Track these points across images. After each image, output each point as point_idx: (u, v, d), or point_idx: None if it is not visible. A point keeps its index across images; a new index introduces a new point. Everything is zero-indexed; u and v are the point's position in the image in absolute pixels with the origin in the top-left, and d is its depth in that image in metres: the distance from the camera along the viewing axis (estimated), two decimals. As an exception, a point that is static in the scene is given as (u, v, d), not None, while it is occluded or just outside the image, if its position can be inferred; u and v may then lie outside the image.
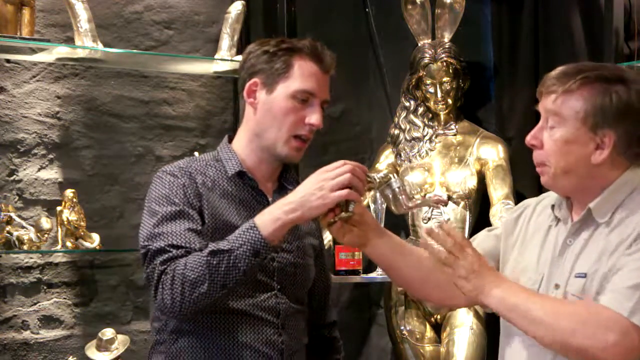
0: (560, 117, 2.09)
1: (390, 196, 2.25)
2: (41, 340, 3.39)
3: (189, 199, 2.22)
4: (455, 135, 3.82)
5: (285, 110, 2.30)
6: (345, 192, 2.15)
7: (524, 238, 2.23)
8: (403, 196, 2.24)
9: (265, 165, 2.34)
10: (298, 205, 2.15)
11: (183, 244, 2.16)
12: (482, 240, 2.34)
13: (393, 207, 2.27)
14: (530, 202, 2.33)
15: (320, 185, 2.18)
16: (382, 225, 3.48)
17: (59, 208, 3.26)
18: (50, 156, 3.43)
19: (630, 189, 2.07)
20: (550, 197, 2.24)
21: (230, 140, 2.38)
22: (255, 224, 2.13)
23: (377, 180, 2.23)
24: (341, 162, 2.22)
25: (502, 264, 2.26)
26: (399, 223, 3.90)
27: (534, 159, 2.17)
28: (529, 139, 2.16)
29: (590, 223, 2.09)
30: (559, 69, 2.15)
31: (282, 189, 2.36)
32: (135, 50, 3.58)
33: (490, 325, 3.72)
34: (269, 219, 2.14)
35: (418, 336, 3.73)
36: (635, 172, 2.09)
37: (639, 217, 2.03)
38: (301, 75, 2.30)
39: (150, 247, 2.18)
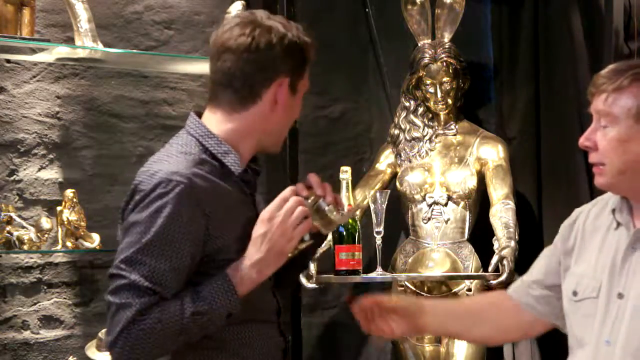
0: (612, 116, 2.05)
1: (320, 217, 2.17)
2: (41, 340, 3.39)
3: (190, 231, 2.04)
4: (455, 135, 3.82)
5: (298, 109, 2.22)
6: (306, 225, 2.10)
7: (581, 244, 2.18)
8: (334, 212, 2.16)
9: (249, 156, 2.22)
10: (271, 260, 2.08)
11: (159, 288, 2.00)
12: (545, 256, 2.32)
13: (324, 229, 2.20)
14: (584, 208, 2.28)
15: (282, 230, 2.08)
16: (382, 225, 3.49)
17: (59, 208, 3.26)
18: (51, 156, 3.43)
19: None
20: (604, 200, 2.20)
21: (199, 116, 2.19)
22: (233, 286, 2.04)
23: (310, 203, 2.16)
24: (288, 191, 2.12)
25: (564, 271, 2.22)
26: (399, 223, 3.90)
27: (590, 160, 2.12)
28: (582, 141, 2.11)
29: None
30: (609, 67, 2.11)
31: (245, 172, 2.22)
32: (135, 50, 3.57)
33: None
34: (247, 280, 2.06)
35: (418, 336, 3.73)
36: None
37: None
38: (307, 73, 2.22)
39: (128, 277, 2.00)
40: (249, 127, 2.15)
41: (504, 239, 3.47)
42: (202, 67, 3.70)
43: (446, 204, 3.71)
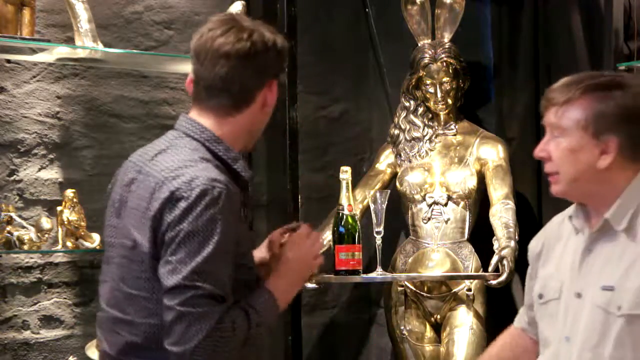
0: (563, 128, 2.14)
1: None
2: (41, 340, 3.39)
3: (234, 238, 2.09)
4: (455, 135, 3.82)
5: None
6: (321, 259, 2.30)
7: (547, 250, 2.29)
8: None
9: None
10: (298, 284, 2.27)
11: (227, 296, 2.04)
12: (527, 278, 2.40)
13: None
14: (553, 219, 2.39)
15: (307, 263, 2.27)
16: (382, 225, 3.49)
17: (59, 208, 3.26)
18: (51, 156, 3.43)
19: None
20: (571, 208, 2.29)
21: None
22: (277, 302, 2.16)
23: None
24: (306, 230, 2.29)
25: (533, 280, 2.33)
26: (399, 223, 3.90)
27: (545, 170, 2.21)
28: (536, 152, 2.21)
29: (610, 232, 2.12)
30: (560, 81, 2.20)
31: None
32: (135, 51, 3.58)
33: (490, 325, 3.72)
34: (282, 300, 2.18)
35: (418, 336, 3.73)
36: None
37: None
38: None
39: (204, 287, 2.00)
40: (241, 129, 2.20)
41: (504, 239, 3.47)
42: (202, 67, 3.70)
43: (446, 204, 3.71)
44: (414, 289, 3.71)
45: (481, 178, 3.73)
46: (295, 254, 2.23)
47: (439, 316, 3.72)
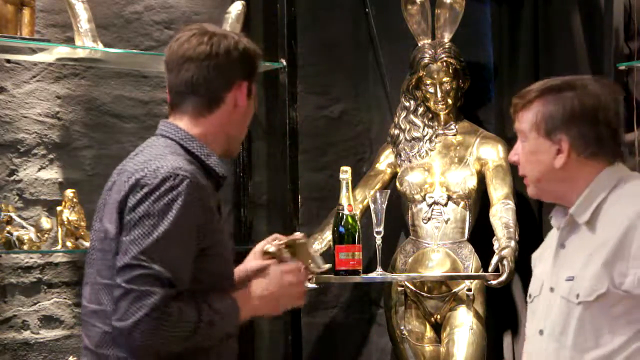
0: (523, 132, 2.25)
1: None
2: (41, 340, 3.39)
3: (196, 225, 2.12)
4: (455, 135, 3.82)
5: (252, 113, 2.34)
6: (302, 301, 2.33)
7: (541, 254, 2.38)
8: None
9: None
10: (269, 306, 2.26)
11: (177, 281, 2.05)
12: None
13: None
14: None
15: (290, 291, 2.28)
16: (382, 225, 3.49)
17: (59, 208, 3.26)
18: (51, 156, 3.43)
19: (607, 188, 2.19)
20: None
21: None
22: (239, 310, 2.17)
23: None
24: (297, 268, 2.31)
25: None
26: (399, 223, 3.90)
27: (519, 174, 2.32)
28: (510, 156, 2.32)
29: (575, 226, 2.22)
30: (525, 89, 2.29)
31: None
32: (135, 50, 3.57)
33: (490, 325, 3.73)
34: (246, 312, 2.20)
35: (418, 336, 3.73)
36: (611, 171, 2.21)
37: (620, 215, 2.14)
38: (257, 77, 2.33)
39: (150, 266, 2.04)
40: (216, 129, 2.26)
41: (504, 239, 3.47)
42: (202, 67, 3.70)
43: (446, 204, 3.71)
44: (414, 289, 3.71)
45: (481, 178, 3.73)
46: (282, 277, 2.27)
47: (439, 316, 3.72)
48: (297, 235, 2.41)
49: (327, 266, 2.46)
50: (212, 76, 2.22)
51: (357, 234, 3.45)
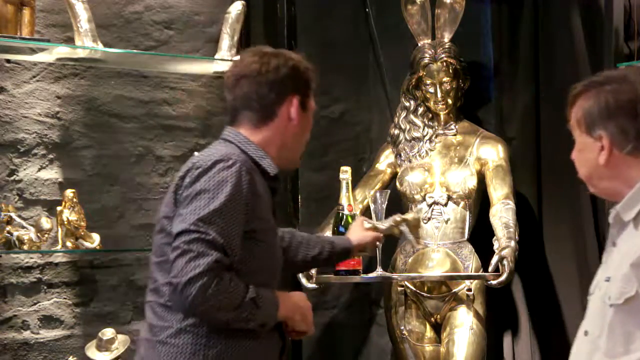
0: (572, 129, 2.19)
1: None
2: (41, 340, 3.39)
3: (245, 204, 2.28)
4: (455, 135, 3.82)
5: (310, 127, 2.51)
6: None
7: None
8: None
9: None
10: (286, 318, 2.41)
11: (229, 250, 2.22)
12: None
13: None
14: None
15: (302, 319, 2.46)
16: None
17: (59, 208, 3.26)
18: (51, 156, 3.43)
19: None
20: None
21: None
22: (278, 306, 2.34)
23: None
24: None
25: None
26: (399, 223, 3.90)
27: None
28: (572, 157, 2.24)
29: (624, 225, 2.13)
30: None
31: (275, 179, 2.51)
32: (135, 50, 3.58)
33: (490, 325, 3.72)
34: (281, 314, 2.36)
35: (418, 336, 3.73)
36: None
37: None
38: (313, 92, 2.51)
39: (206, 232, 2.19)
40: (270, 140, 2.42)
41: (504, 239, 3.47)
42: (202, 67, 3.70)
43: (446, 204, 3.71)
44: (414, 289, 3.71)
45: (481, 178, 3.73)
46: (302, 305, 2.47)
47: (439, 316, 3.72)
48: (410, 215, 2.97)
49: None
50: (263, 91, 2.39)
51: (357, 234, 3.45)
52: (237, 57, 2.55)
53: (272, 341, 2.37)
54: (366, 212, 3.70)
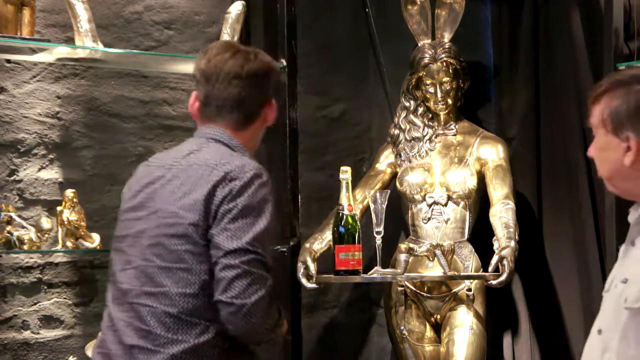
0: (594, 127, 2.14)
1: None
2: (41, 340, 3.39)
3: (274, 218, 2.34)
4: (455, 135, 3.82)
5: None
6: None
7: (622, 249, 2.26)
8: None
9: None
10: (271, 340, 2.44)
11: (271, 268, 2.28)
12: None
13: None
14: None
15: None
16: (382, 225, 3.49)
17: (59, 208, 3.26)
18: (51, 156, 3.43)
19: None
20: None
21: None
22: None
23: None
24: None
25: None
26: (399, 223, 3.90)
27: None
28: (588, 152, 2.21)
29: None
30: (599, 82, 2.19)
31: None
32: (135, 51, 3.58)
33: (490, 325, 3.72)
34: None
35: (418, 336, 3.73)
36: None
37: None
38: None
39: (262, 254, 2.24)
40: (247, 141, 2.44)
41: (504, 239, 3.47)
42: (202, 67, 3.70)
43: (446, 204, 3.71)
44: (414, 289, 3.71)
45: (481, 178, 3.73)
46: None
47: (439, 316, 3.72)
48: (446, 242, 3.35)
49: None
50: (255, 93, 2.41)
51: (357, 234, 3.45)
52: (216, 50, 2.43)
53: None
54: (366, 212, 3.70)
